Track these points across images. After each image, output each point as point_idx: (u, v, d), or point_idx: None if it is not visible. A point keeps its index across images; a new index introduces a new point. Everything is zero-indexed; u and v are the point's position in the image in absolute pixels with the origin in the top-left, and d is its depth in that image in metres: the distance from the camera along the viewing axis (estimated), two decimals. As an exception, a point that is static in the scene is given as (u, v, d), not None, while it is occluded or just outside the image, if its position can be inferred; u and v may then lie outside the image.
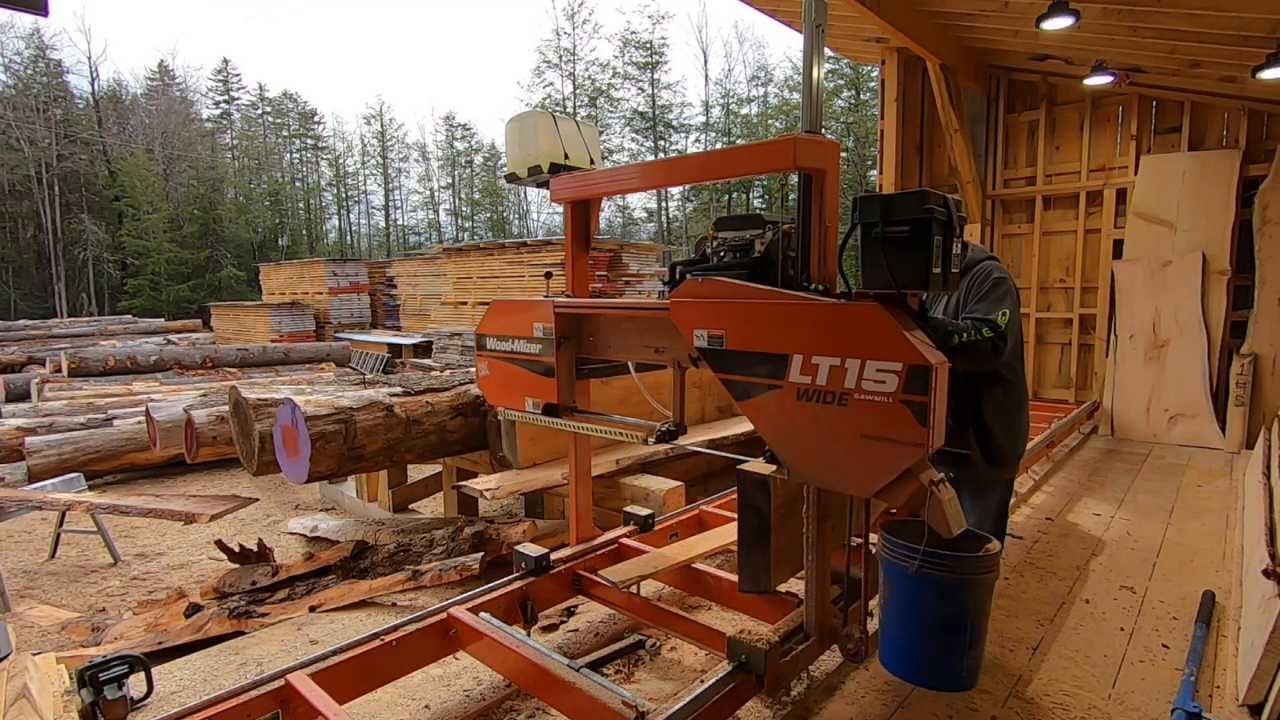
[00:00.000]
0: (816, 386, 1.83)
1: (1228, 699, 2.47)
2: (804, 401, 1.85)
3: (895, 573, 2.06)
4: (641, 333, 2.50)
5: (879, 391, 1.72)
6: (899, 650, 2.12)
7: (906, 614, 2.07)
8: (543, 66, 41.17)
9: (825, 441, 1.84)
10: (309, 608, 3.55)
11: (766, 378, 1.93)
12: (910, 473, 1.75)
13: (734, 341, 1.99)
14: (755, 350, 1.95)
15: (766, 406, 1.94)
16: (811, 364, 1.83)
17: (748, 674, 2.10)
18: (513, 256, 14.25)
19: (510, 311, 2.74)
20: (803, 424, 1.87)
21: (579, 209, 2.84)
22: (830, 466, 1.87)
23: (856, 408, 1.76)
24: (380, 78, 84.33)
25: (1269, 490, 3.80)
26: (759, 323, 1.94)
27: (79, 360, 11.16)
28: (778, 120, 38.39)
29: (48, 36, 36.06)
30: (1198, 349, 6.45)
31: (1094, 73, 6.24)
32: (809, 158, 1.96)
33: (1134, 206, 6.87)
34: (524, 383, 2.66)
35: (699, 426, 5.27)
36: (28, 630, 4.10)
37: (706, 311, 2.05)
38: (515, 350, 2.69)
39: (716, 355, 2.03)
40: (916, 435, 1.67)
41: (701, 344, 2.06)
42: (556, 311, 2.54)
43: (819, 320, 1.84)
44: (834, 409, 1.80)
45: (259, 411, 4.10)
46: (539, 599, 2.77)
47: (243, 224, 40.38)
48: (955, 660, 2.03)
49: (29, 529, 6.14)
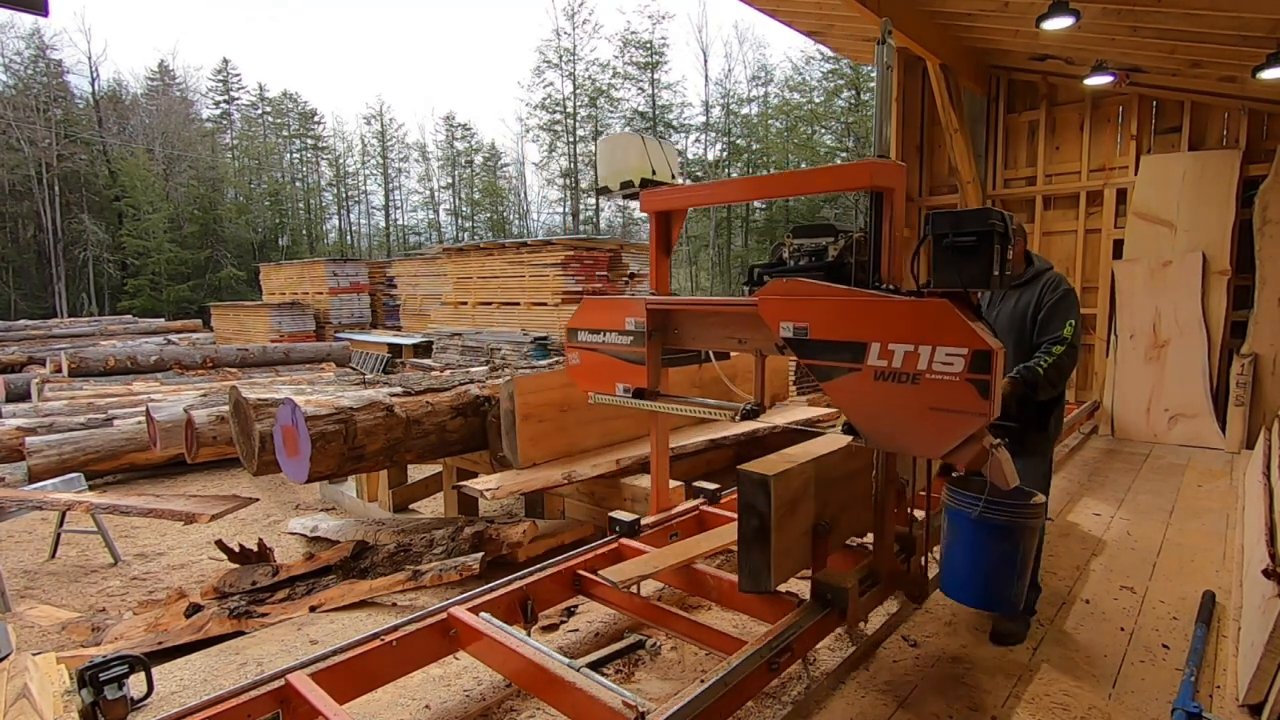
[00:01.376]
0: (892, 369, 2.17)
1: (1228, 699, 2.47)
2: (880, 381, 2.19)
3: (960, 518, 2.51)
4: (725, 325, 2.86)
5: (947, 372, 2.06)
6: (962, 582, 2.58)
7: (969, 552, 2.52)
8: (543, 66, 41.15)
9: (899, 414, 2.18)
10: (309, 608, 3.55)
11: (847, 362, 2.26)
12: (974, 437, 2.09)
13: (817, 332, 2.34)
14: (837, 339, 2.29)
15: (846, 386, 2.28)
16: (888, 350, 2.18)
17: (831, 610, 2.47)
18: (513, 256, 14.24)
19: (602, 308, 3.11)
20: (879, 400, 2.20)
21: (662, 219, 3.19)
22: (903, 434, 2.22)
23: (928, 385, 2.10)
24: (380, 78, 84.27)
25: (1269, 490, 3.80)
26: (841, 316, 2.29)
27: (79, 360, 11.16)
28: (778, 120, 38.34)
29: (48, 36, 36.07)
30: (1198, 349, 6.45)
31: (1094, 73, 6.24)
32: (881, 178, 2.38)
33: (1134, 206, 6.86)
34: (615, 370, 3.01)
35: (699, 426, 5.27)
36: (28, 630, 4.10)
37: (792, 307, 2.40)
38: (607, 342, 3.06)
39: (801, 344, 2.38)
40: (980, 407, 2.02)
41: (787, 334, 2.40)
42: (649, 308, 2.90)
43: (895, 314, 2.18)
44: (907, 387, 2.14)
45: (259, 411, 4.10)
46: (539, 599, 2.77)
47: (243, 224, 40.37)
48: (1008, 589, 2.49)
49: (29, 529, 6.14)
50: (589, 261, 13.39)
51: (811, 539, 2.52)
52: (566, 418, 4.40)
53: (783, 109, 38.05)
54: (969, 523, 2.47)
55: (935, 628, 3.01)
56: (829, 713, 2.42)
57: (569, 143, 41.42)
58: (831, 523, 2.57)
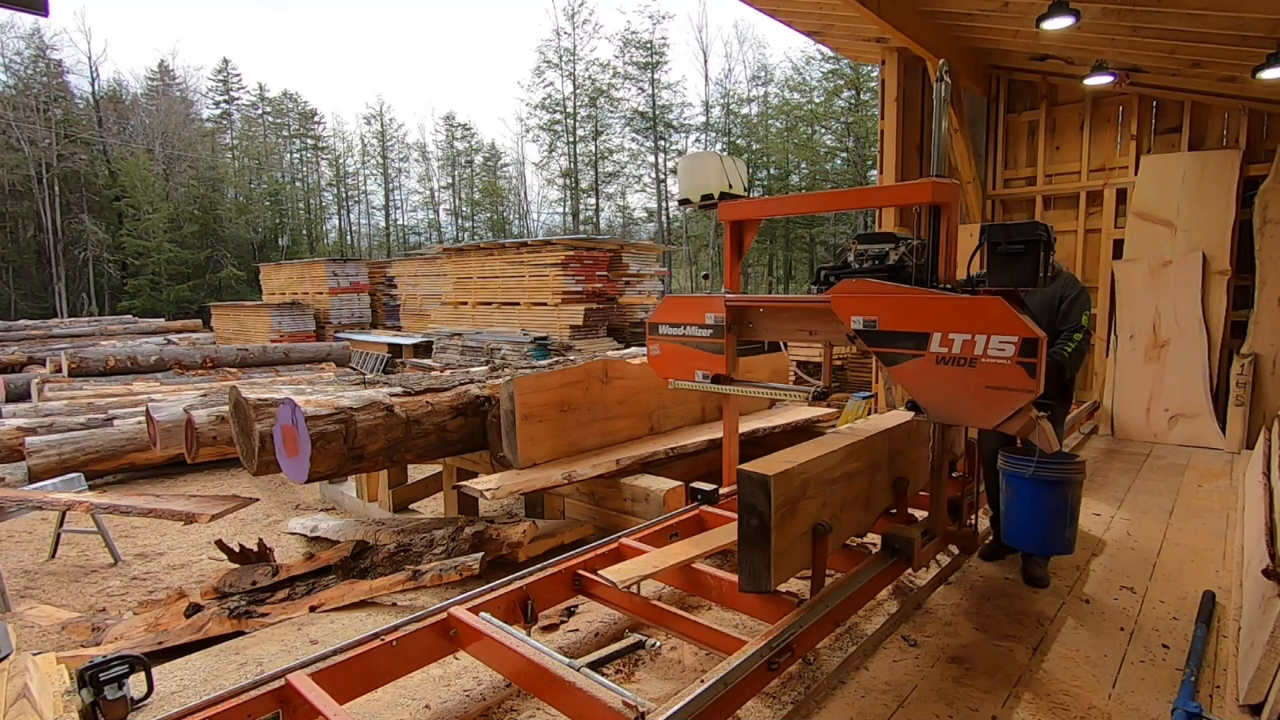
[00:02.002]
0: (952, 354, 2.58)
1: (1228, 699, 2.47)
2: (941, 365, 2.61)
3: (1016, 478, 3.07)
4: (796, 319, 3.28)
5: (1000, 356, 2.47)
6: (1022, 531, 3.12)
7: (1025, 505, 3.04)
8: (543, 66, 41.17)
9: (957, 392, 2.59)
10: (309, 608, 3.55)
11: (911, 349, 2.67)
12: (1022, 410, 2.51)
13: (886, 324, 2.76)
14: (903, 330, 2.71)
15: (911, 369, 2.69)
16: (948, 339, 2.59)
17: (899, 557, 2.93)
18: (513, 256, 14.24)
19: (683, 305, 3.52)
20: (940, 380, 2.62)
21: (736, 227, 3.56)
22: (962, 409, 2.65)
23: (983, 367, 2.51)
24: (380, 78, 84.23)
25: (1269, 490, 3.80)
26: (907, 311, 2.70)
27: (79, 360, 11.17)
28: (778, 120, 38.33)
29: (48, 36, 36.08)
30: (1198, 349, 6.45)
31: (1094, 73, 6.23)
32: (939, 195, 2.81)
33: (1134, 206, 6.86)
34: (694, 359, 3.44)
35: (699, 426, 5.28)
36: (28, 630, 4.10)
37: (863, 303, 2.82)
38: (687, 334, 3.46)
39: (870, 335, 2.81)
40: (1029, 384, 2.43)
41: (858, 327, 2.84)
42: (728, 304, 3.30)
43: (954, 308, 2.59)
44: (965, 369, 2.55)
45: (259, 411, 4.10)
46: (539, 599, 2.77)
47: (243, 224, 40.37)
48: (1062, 533, 3.05)
49: (29, 529, 6.14)
50: (589, 261, 13.39)
51: (811, 539, 2.52)
52: (566, 418, 4.40)
53: (783, 109, 38.05)
54: (1025, 481, 3.01)
55: (935, 628, 3.01)
56: (829, 713, 2.42)
57: (569, 143, 41.44)
58: (832, 523, 2.58)
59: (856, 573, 2.78)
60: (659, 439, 4.84)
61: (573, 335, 13.00)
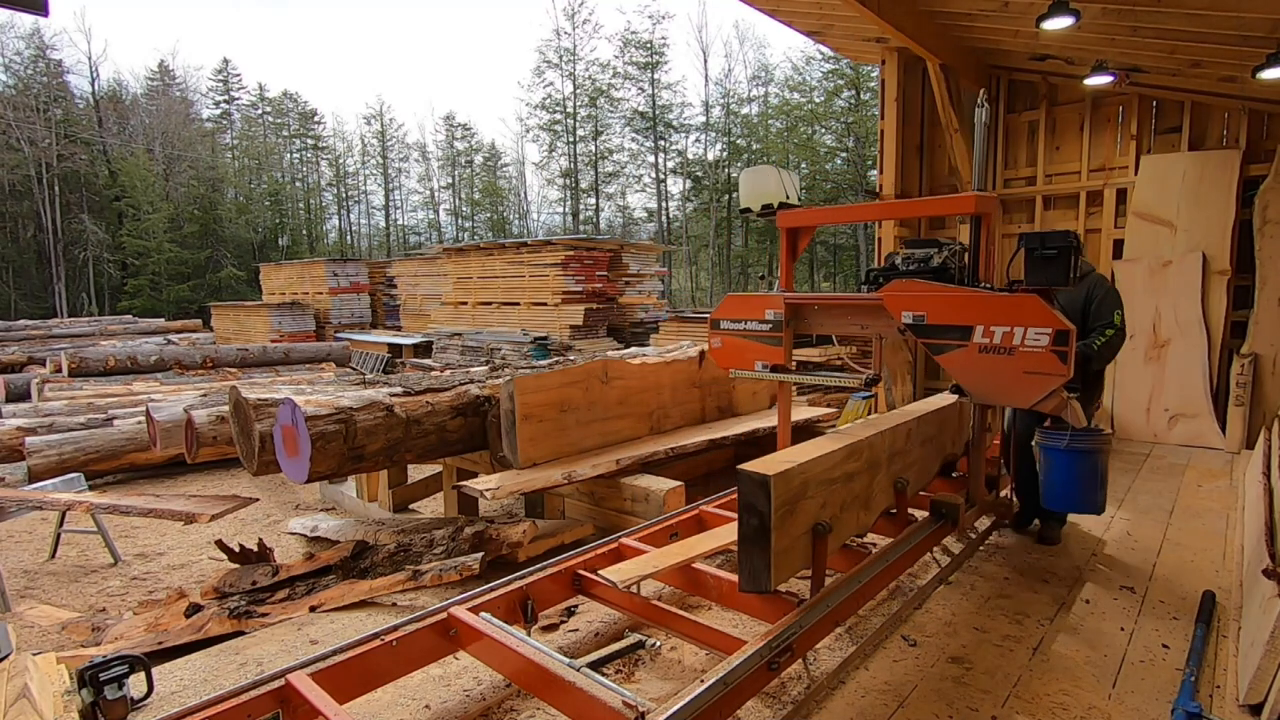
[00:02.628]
0: (993, 345, 2.92)
1: (1228, 699, 2.47)
2: (983, 354, 2.95)
3: (1052, 450, 3.47)
4: (849, 315, 3.61)
5: (1036, 345, 2.81)
6: (1059, 496, 3.54)
7: (1061, 473, 3.47)
8: (543, 66, 41.16)
9: (998, 377, 2.94)
10: (309, 608, 3.55)
11: (957, 340, 3.02)
12: (1055, 392, 2.86)
13: (934, 319, 3.10)
14: (949, 324, 3.05)
15: (956, 357, 3.04)
16: (990, 331, 2.93)
17: (945, 521, 3.37)
18: (513, 256, 14.24)
19: (743, 302, 3.87)
20: (982, 367, 2.97)
21: (792, 233, 3.90)
22: (1001, 391, 3.01)
23: (1021, 355, 2.85)
24: (380, 78, 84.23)
25: (1269, 490, 3.80)
26: (953, 307, 3.05)
27: (79, 360, 11.17)
28: (778, 120, 38.32)
29: (48, 36, 36.09)
30: (1198, 349, 6.45)
31: (1094, 73, 6.23)
32: (981, 206, 3.23)
33: (1134, 206, 6.86)
34: (754, 351, 3.80)
35: (700, 426, 5.28)
36: (28, 630, 4.11)
37: (913, 300, 3.14)
38: (747, 329, 3.82)
39: (920, 328, 3.14)
40: (1061, 369, 2.77)
41: (908, 321, 3.15)
42: (786, 301, 3.66)
43: (995, 304, 2.95)
44: (1004, 357, 2.89)
45: (259, 411, 4.10)
46: (539, 599, 2.77)
47: (243, 224, 40.37)
48: (1093, 496, 3.48)
49: (29, 529, 6.14)
50: (589, 261, 13.39)
51: (811, 539, 2.52)
52: (566, 418, 4.40)
53: (783, 109, 38.02)
54: (1061, 452, 3.43)
55: (935, 628, 3.01)
56: (829, 713, 2.42)
57: (569, 143, 41.43)
58: (832, 523, 2.58)
59: (856, 573, 2.78)
60: (659, 439, 4.84)
61: (573, 335, 13.00)
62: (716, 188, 38.88)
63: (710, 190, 38.96)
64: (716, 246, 39.15)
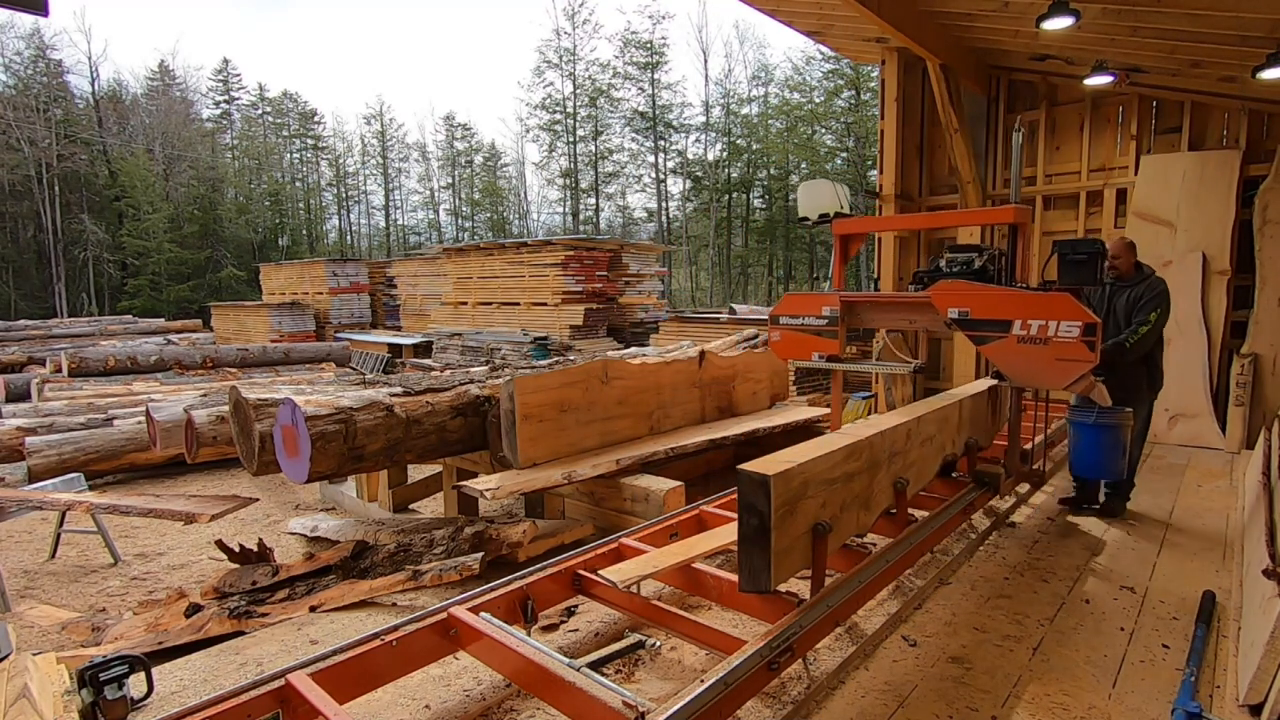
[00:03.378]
0: (1030, 336, 3.37)
1: (1228, 699, 2.47)
2: (1021, 344, 3.41)
3: (1081, 425, 4.17)
4: (899, 311, 4.12)
5: (1068, 336, 3.28)
6: (1087, 464, 4.26)
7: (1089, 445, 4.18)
8: (543, 66, 41.16)
9: (1034, 363, 3.40)
10: (309, 608, 3.55)
11: (998, 333, 3.48)
12: (1084, 376, 3.36)
13: (976, 314, 3.56)
14: (991, 318, 3.52)
15: (997, 347, 3.50)
16: (1027, 324, 3.38)
17: (987, 488, 4.00)
18: (513, 256, 14.24)
19: (801, 300, 4.41)
20: (1020, 355, 3.43)
21: (845, 240, 4.51)
22: (1037, 376, 3.50)
23: (1054, 345, 3.31)
24: (380, 78, 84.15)
25: (1269, 490, 3.80)
26: (994, 303, 3.52)
27: (79, 360, 11.17)
28: (778, 120, 38.32)
29: (48, 36, 36.08)
30: (1198, 349, 6.45)
31: (1094, 73, 6.23)
32: (1019, 217, 3.78)
33: (1134, 206, 6.86)
34: (811, 343, 4.33)
35: (700, 426, 5.28)
36: (28, 630, 4.11)
37: (958, 298, 3.62)
38: (805, 324, 4.34)
39: (964, 322, 3.60)
40: (1089, 356, 3.24)
41: (954, 316, 3.61)
42: (842, 299, 4.16)
43: (1031, 301, 3.42)
44: (1040, 346, 3.35)
45: (259, 411, 4.10)
46: (539, 599, 2.77)
47: (243, 224, 40.37)
48: (1118, 464, 4.16)
49: (29, 529, 6.14)
50: (589, 261, 13.39)
51: (811, 539, 2.52)
52: (566, 418, 4.40)
53: (783, 109, 38.03)
54: (1089, 427, 4.12)
55: (935, 628, 3.01)
56: (829, 713, 2.42)
57: (569, 143, 41.43)
58: (831, 523, 2.57)
59: (856, 572, 2.78)
60: (659, 439, 4.84)
61: (573, 335, 13.00)
62: (716, 188, 38.88)
63: (710, 190, 38.95)
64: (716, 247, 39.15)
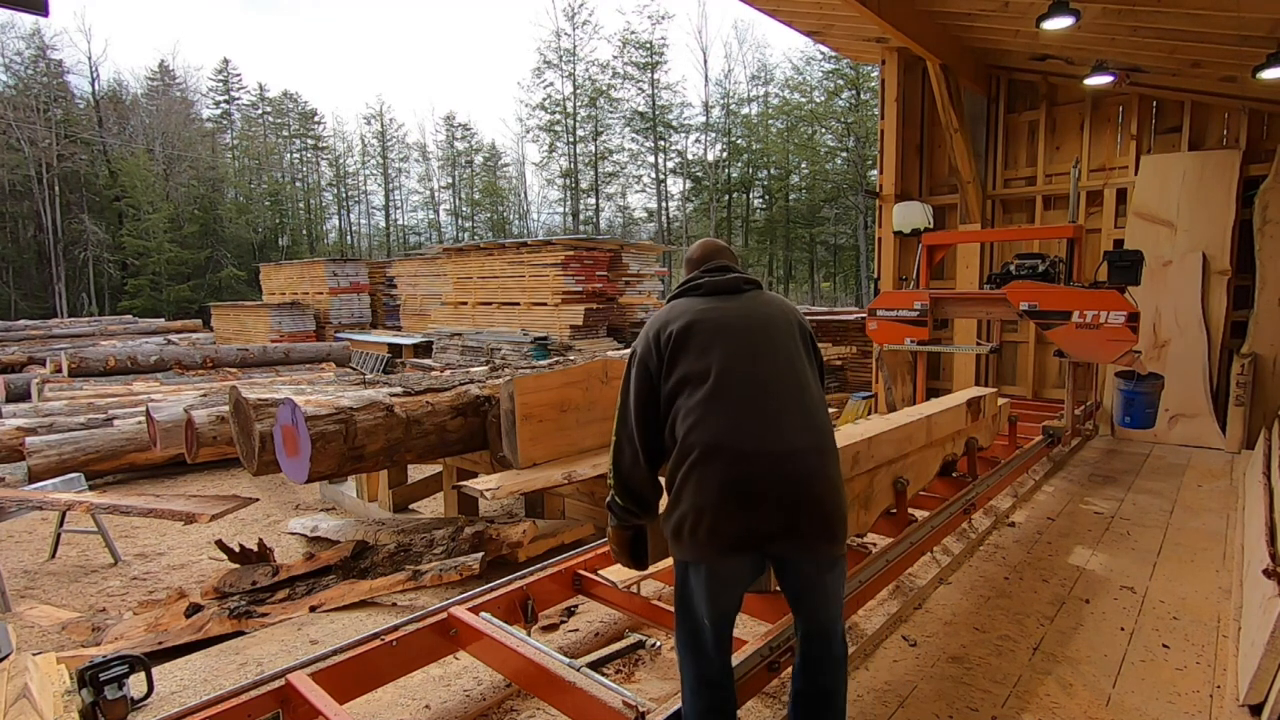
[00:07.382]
0: (1086, 323, 4.83)
1: (1228, 699, 2.47)
2: (1079, 329, 4.87)
3: (1128, 391, 5.58)
4: (977, 305, 5.72)
5: (1115, 323, 4.76)
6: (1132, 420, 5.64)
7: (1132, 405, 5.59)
8: (543, 67, 41.14)
9: (1089, 343, 4.87)
10: (309, 608, 3.55)
11: (1060, 320, 4.95)
12: (1128, 352, 4.91)
13: (1044, 306, 5.05)
14: (1056, 310, 5.00)
15: (1061, 331, 4.98)
16: (1084, 314, 4.85)
17: (1053, 440, 5.38)
18: (513, 256, 14.23)
19: (896, 297, 5.87)
20: (1078, 337, 4.90)
21: (930, 250, 6.00)
22: (1091, 352, 5.02)
23: (1105, 329, 4.78)
24: (380, 78, 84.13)
25: (1269, 490, 3.80)
26: (1058, 298, 5.02)
27: (79, 360, 11.16)
28: (778, 120, 38.32)
29: (48, 36, 36.06)
30: (1198, 349, 6.44)
31: (1094, 73, 6.23)
32: (1076, 233, 5.54)
33: (1134, 206, 6.86)
34: (905, 331, 5.74)
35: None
36: (28, 630, 4.11)
37: (1028, 295, 5.12)
38: (900, 315, 5.77)
39: (1034, 313, 5.09)
40: (1131, 338, 4.78)
41: (1024, 308, 5.10)
42: (931, 296, 5.67)
43: (1087, 297, 4.91)
44: (1093, 330, 4.81)
45: (259, 411, 4.10)
46: (539, 599, 2.78)
47: (243, 224, 40.35)
48: (1152, 417, 5.67)
49: (29, 529, 6.14)
50: (589, 261, 13.38)
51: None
52: (566, 418, 4.40)
53: (783, 109, 38.03)
54: (1130, 391, 5.55)
55: (935, 628, 3.01)
56: (829, 713, 2.42)
57: (569, 143, 41.42)
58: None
59: (856, 572, 2.78)
60: (659, 439, 4.83)
61: (573, 335, 12.99)
62: (716, 188, 38.87)
63: (710, 190, 38.95)
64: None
